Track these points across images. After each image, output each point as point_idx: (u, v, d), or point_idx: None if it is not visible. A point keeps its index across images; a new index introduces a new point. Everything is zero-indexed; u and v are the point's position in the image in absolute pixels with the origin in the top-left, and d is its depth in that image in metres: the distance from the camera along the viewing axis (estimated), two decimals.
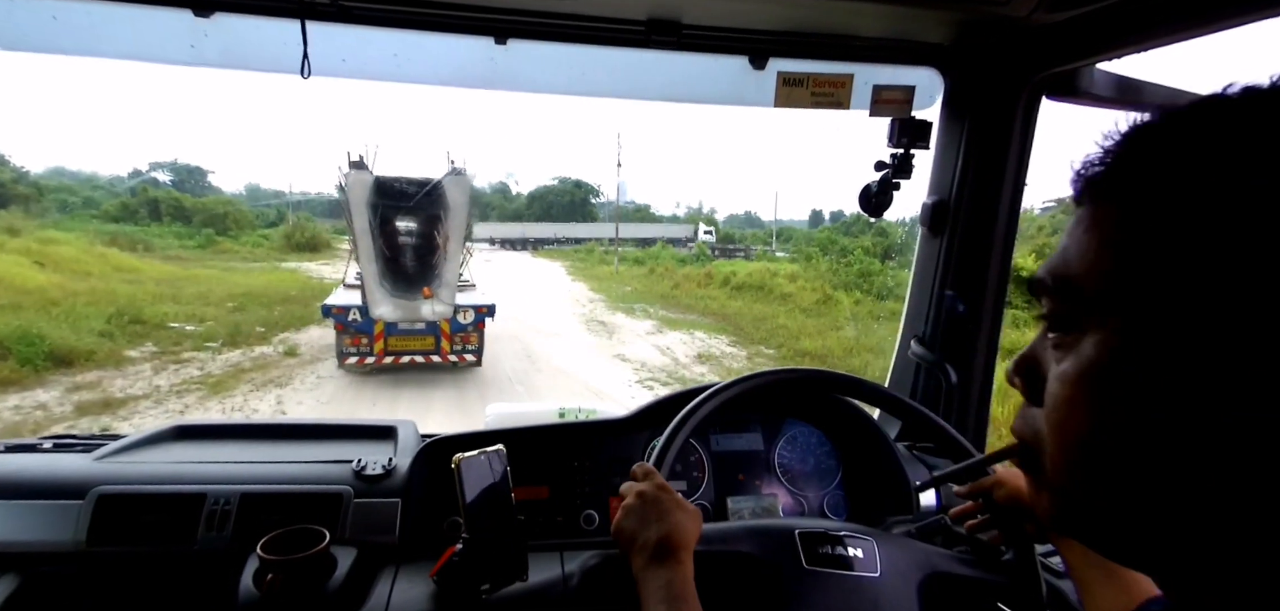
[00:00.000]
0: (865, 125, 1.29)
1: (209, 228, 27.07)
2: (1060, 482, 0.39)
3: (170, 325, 10.74)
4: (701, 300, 17.25)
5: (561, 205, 45.82)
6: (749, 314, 14.97)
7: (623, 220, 39.29)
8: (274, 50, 1.15)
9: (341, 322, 7.76)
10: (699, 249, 28.31)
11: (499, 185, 58.90)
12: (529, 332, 11.77)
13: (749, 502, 1.25)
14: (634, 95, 1.32)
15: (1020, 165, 1.31)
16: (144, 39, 1.12)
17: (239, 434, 1.37)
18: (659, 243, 33.27)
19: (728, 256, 31.24)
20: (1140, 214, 0.34)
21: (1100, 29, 1.04)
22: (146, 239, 23.12)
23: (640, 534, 0.81)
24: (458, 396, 7.74)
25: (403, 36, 1.17)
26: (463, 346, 8.11)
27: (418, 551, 1.10)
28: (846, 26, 1.19)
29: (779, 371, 1.10)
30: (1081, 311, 0.37)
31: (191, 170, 41.93)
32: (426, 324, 7.87)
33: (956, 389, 1.38)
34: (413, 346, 7.95)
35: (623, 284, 21.47)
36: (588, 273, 25.51)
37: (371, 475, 1.17)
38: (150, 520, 1.08)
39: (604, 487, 1.22)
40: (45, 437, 1.30)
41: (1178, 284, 0.32)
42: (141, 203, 29.52)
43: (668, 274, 22.70)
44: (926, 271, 1.44)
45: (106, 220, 26.84)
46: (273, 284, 15.97)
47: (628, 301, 17.16)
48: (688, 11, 1.12)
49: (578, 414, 1.62)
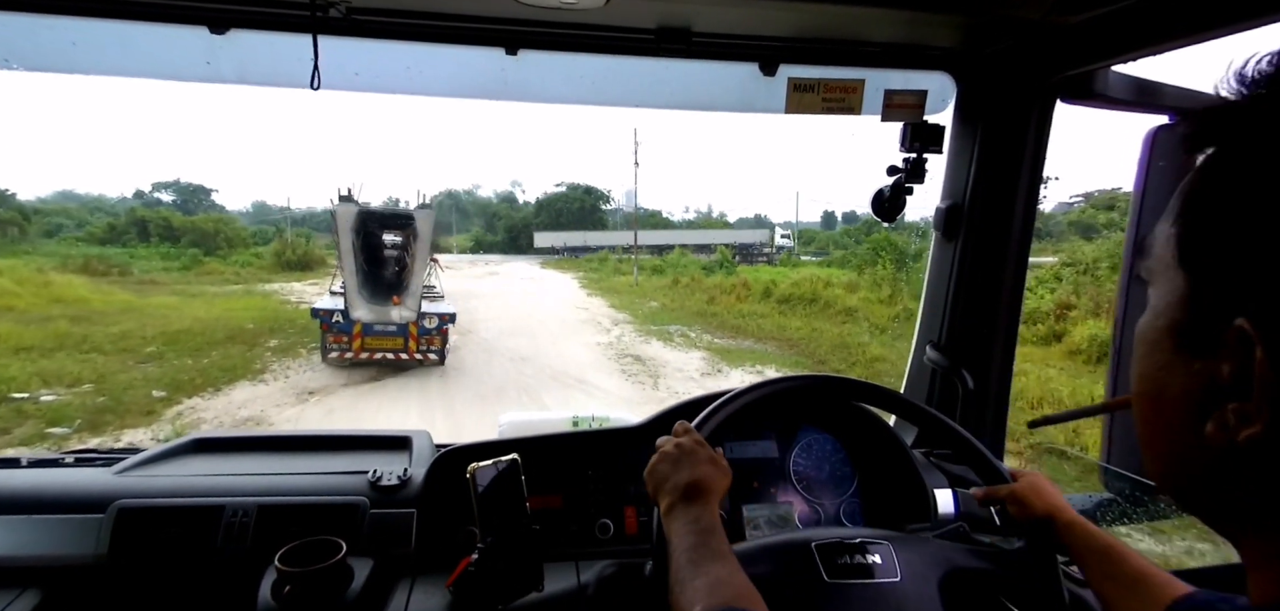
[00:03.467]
0: (880, 125, 1.29)
1: (196, 247, 25.87)
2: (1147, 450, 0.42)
3: (13, 396, 7.50)
4: (748, 318, 14.24)
5: (571, 212, 44.87)
6: (819, 337, 12.17)
7: (637, 227, 38.42)
8: (288, 65, 1.16)
9: (326, 323, 9.28)
10: (721, 255, 26.44)
11: (505, 193, 58.57)
12: (543, 379, 9.17)
13: (765, 510, 1.25)
14: (645, 104, 1.32)
15: (1035, 168, 1.29)
16: (161, 57, 1.13)
17: (256, 446, 1.38)
18: (676, 249, 31.31)
19: (748, 261, 29.65)
20: (1206, 178, 0.36)
21: (1115, 30, 1.03)
22: (125, 262, 21.82)
23: (671, 477, 0.82)
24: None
25: (414, 49, 1.18)
26: (427, 347, 9.53)
27: (433, 561, 1.10)
28: (857, 32, 1.18)
29: (794, 377, 1.09)
30: (1147, 268, 0.40)
31: (194, 189, 42.03)
32: (397, 327, 9.35)
33: (973, 395, 1.37)
34: (385, 345, 9.36)
35: (646, 298, 18.68)
36: (604, 285, 22.54)
37: (387, 486, 1.17)
38: (170, 532, 1.09)
39: (618, 496, 1.22)
40: (67, 452, 1.32)
41: (1228, 237, 0.34)
42: (130, 223, 28.76)
43: (695, 285, 19.89)
44: (941, 276, 1.43)
45: (93, 243, 26.01)
46: (230, 315, 13.34)
47: (659, 322, 14.27)
48: (698, 19, 1.12)
49: (591, 422, 1.62)
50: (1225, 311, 0.33)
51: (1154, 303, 0.39)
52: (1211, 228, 0.35)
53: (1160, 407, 0.39)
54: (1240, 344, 0.32)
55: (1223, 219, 0.34)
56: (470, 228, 52.26)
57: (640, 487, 1.23)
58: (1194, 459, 0.37)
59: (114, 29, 1.07)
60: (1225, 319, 0.33)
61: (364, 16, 1.10)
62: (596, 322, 14.33)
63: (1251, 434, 0.33)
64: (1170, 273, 0.38)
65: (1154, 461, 0.41)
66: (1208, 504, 0.38)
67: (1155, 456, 0.41)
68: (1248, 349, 0.32)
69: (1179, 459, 0.39)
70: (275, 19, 1.08)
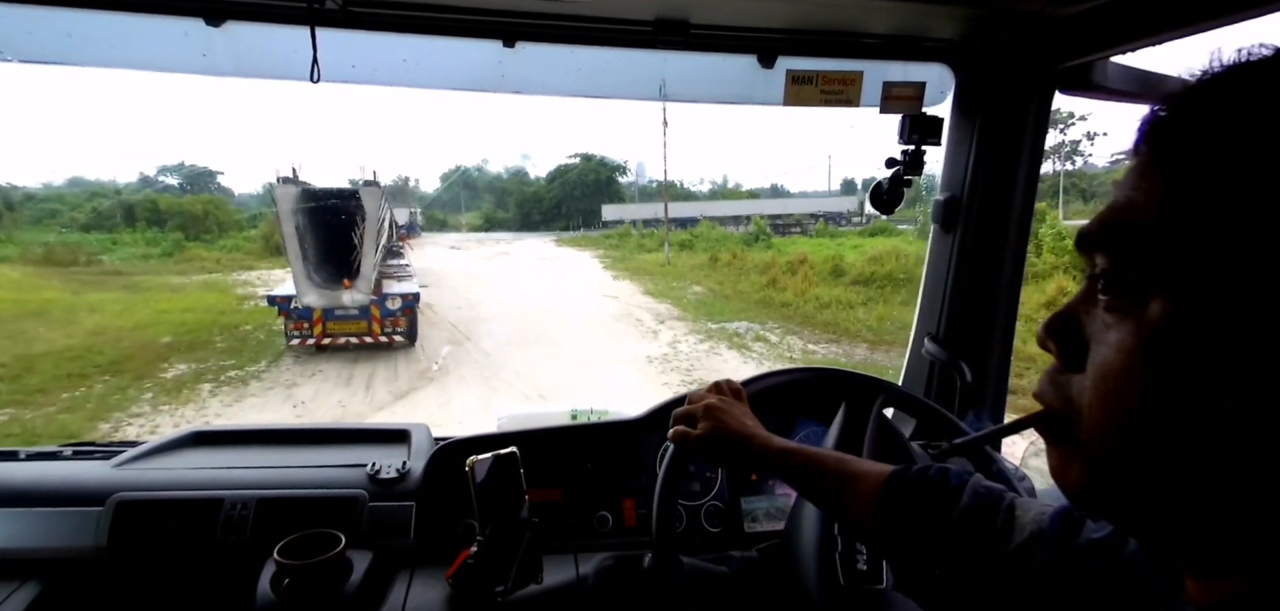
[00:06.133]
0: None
1: (180, 231, 24.40)
2: (1099, 454, 0.37)
3: None
4: (829, 308, 11.20)
5: (585, 185, 42.62)
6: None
7: (650, 199, 36.35)
8: (285, 57, 1.15)
9: (285, 310, 9.04)
10: (757, 226, 23.68)
11: (515, 169, 56.82)
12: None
13: (763, 503, 1.25)
14: (642, 96, 1.32)
15: (1033, 159, 1.29)
16: (156, 49, 1.13)
17: (255, 439, 1.38)
18: (701, 221, 27.87)
19: (782, 233, 26.42)
20: (1215, 163, 0.31)
21: (1114, 21, 1.03)
22: (103, 249, 20.56)
23: (741, 420, 0.82)
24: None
25: (411, 41, 1.17)
26: (392, 329, 9.30)
27: (433, 554, 1.11)
28: (855, 24, 1.18)
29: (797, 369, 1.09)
30: (1145, 271, 0.33)
31: (200, 172, 41.55)
32: (359, 310, 9.09)
33: (972, 387, 1.37)
34: (348, 329, 9.16)
35: (684, 280, 15.22)
36: (629, 265, 18.95)
37: (386, 478, 1.17)
38: (169, 525, 1.09)
39: (617, 489, 1.23)
40: (66, 445, 1.32)
41: (1253, 241, 0.29)
42: (118, 207, 27.68)
43: (739, 263, 16.11)
44: (939, 268, 1.43)
45: (77, 229, 24.77)
46: (160, 317, 11.15)
47: (716, 316, 11.11)
48: (696, 11, 1.12)
49: (590, 415, 1.62)
50: (1196, 327, 0.32)
51: (1118, 317, 0.36)
52: (1182, 240, 0.32)
53: (1120, 422, 0.36)
54: (1208, 360, 0.31)
55: (1195, 231, 0.32)
56: (481, 204, 51.42)
57: (639, 480, 1.24)
58: (1156, 479, 0.35)
59: (109, 20, 1.06)
60: (1195, 334, 0.31)
61: (361, 8, 1.09)
62: (634, 319, 10.99)
63: (1218, 456, 0.31)
64: (1138, 286, 0.35)
65: (1109, 479, 0.38)
66: (1169, 528, 0.36)
67: (1110, 476, 0.38)
68: (1216, 364, 0.31)
69: (1140, 479, 0.36)
70: (272, 11, 1.07)
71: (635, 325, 10.61)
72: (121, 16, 1.06)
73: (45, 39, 1.08)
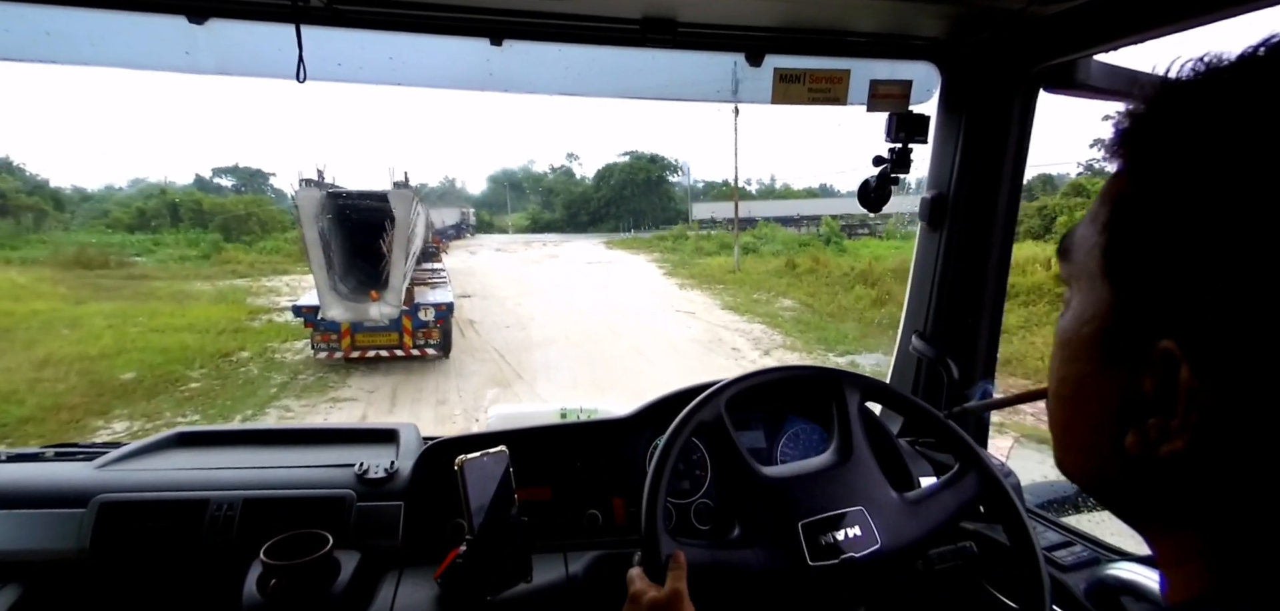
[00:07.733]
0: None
1: (220, 232, 24.56)
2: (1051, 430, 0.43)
3: None
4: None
5: (635, 184, 41.40)
6: None
7: (699, 199, 34.74)
8: (269, 55, 1.14)
9: (311, 322, 8.45)
10: (827, 228, 22.27)
11: (561, 168, 55.26)
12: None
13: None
14: (630, 95, 1.32)
15: (1018, 157, 1.30)
16: (138, 47, 1.11)
17: (240, 439, 1.37)
18: (759, 222, 26.21)
19: (851, 234, 24.48)
20: (1137, 187, 0.35)
21: (1098, 19, 1.04)
22: (143, 250, 20.53)
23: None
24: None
25: (397, 39, 1.16)
26: (425, 341, 8.77)
27: (421, 554, 1.10)
28: (842, 22, 1.18)
29: (784, 368, 1.09)
30: (1069, 271, 0.40)
31: (253, 173, 40.93)
32: (389, 321, 8.43)
33: (958, 383, 1.38)
34: (378, 342, 8.64)
35: (762, 289, 13.11)
36: (694, 271, 16.82)
37: (374, 478, 1.17)
38: (153, 527, 1.08)
39: (607, 487, 1.23)
40: (47, 446, 1.30)
41: (1157, 254, 0.33)
42: (162, 206, 28.42)
43: (824, 269, 13.86)
44: (926, 266, 1.44)
45: (120, 229, 25.43)
46: (145, 340, 9.72)
47: (828, 341, 9.18)
48: (683, 10, 1.12)
49: (579, 414, 1.62)
50: (1151, 328, 0.33)
51: (1077, 309, 0.38)
52: (1139, 242, 0.34)
53: (1080, 412, 0.39)
54: (1165, 363, 0.32)
55: (1150, 234, 0.33)
56: (526, 205, 50.60)
57: (629, 477, 1.24)
58: (1111, 463, 0.37)
59: (89, 18, 1.05)
60: (1151, 336, 0.33)
61: (346, 6, 1.09)
62: (728, 347, 8.81)
63: (1173, 449, 0.32)
64: (1095, 282, 0.37)
65: (1070, 458, 0.41)
66: (1123, 503, 0.38)
67: (1071, 454, 0.41)
68: (1172, 368, 0.32)
69: (1096, 461, 0.38)
70: (256, 8, 1.06)
71: (732, 356, 8.47)
72: (102, 14, 1.05)
73: (24, 37, 1.07)
